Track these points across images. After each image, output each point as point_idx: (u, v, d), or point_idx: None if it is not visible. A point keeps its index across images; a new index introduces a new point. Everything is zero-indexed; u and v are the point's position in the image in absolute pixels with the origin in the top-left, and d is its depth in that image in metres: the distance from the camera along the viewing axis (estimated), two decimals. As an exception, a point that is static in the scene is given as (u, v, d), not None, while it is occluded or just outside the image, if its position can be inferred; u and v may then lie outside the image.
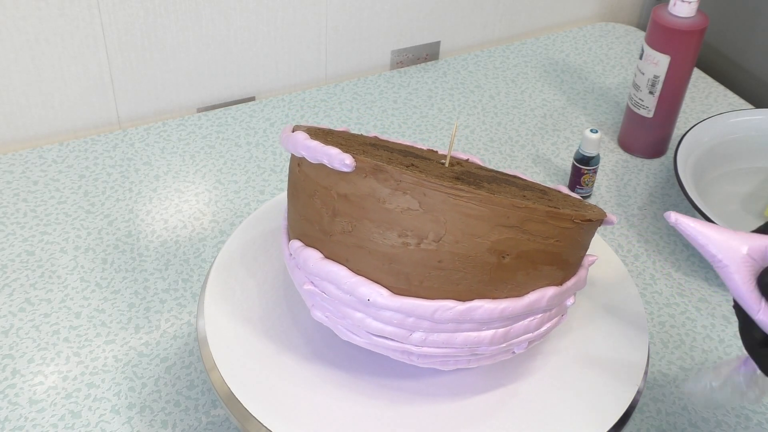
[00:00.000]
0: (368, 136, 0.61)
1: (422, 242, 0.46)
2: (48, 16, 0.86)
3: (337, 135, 0.56)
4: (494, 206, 0.45)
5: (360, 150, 0.51)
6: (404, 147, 0.60)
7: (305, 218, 0.50)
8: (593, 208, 0.54)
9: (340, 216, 0.47)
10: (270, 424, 0.49)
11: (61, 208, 0.83)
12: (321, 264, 0.48)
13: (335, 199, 0.47)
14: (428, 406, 0.52)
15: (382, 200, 0.46)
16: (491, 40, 1.16)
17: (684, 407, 0.67)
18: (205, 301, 0.57)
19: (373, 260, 0.47)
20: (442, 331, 0.47)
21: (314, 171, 0.49)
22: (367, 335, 0.48)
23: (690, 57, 0.86)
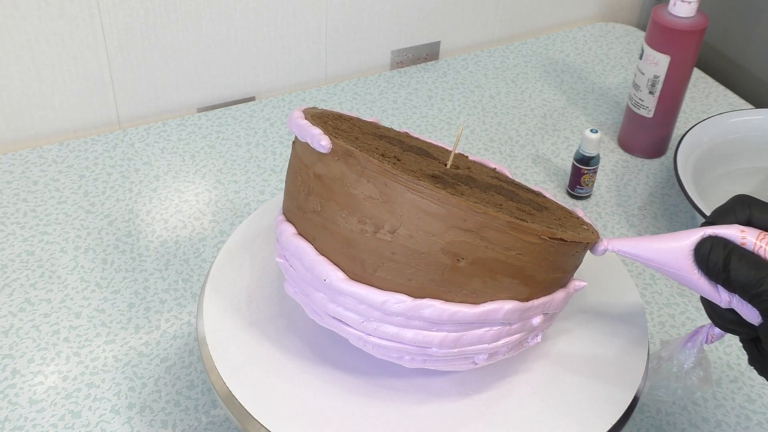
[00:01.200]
0: (390, 129, 0.61)
1: (378, 231, 0.46)
2: (48, 16, 0.86)
3: (346, 120, 0.56)
4: (451, 207, 0.46)
5: (353, 137, 0.52)
6: (419, 143, 0.60)
7: (289, 193, 0.52)
8: (584, 232, 0.53)
9: (313, 195, 0.49)
10: (269, 425, 0.49)
11: (61, 208, 0.83)
12: (292, 239, 0.50)
13: (311, 178, 0.49)
14: (428, 406, 0.52)
15: (349, 185, 0.47)
16: (491, 40, 1.16)
17: (684, 407, 0.67)
18: (205, 301, 0.57)
19: (334, 242, 0.48)
20: (392, 323, 0.48)
21: (301, 149, 0.51)
22: (327, 317, 0.50)
23: (690, 57, 0.86)
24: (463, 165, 0.57)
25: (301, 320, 0.56)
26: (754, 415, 0.67)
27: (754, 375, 0.70)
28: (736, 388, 0.69)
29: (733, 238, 0.46)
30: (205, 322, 0.55)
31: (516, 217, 0.48)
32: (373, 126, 0.59)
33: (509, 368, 0.54)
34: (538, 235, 0.47)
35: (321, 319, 0.50)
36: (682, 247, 0.47)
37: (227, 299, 0.57)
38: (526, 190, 0.58)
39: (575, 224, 0.54)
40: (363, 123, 0.59)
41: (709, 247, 0.46)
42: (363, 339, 0.49)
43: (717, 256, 0.46)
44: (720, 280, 0.46)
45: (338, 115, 0.57)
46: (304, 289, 0.50)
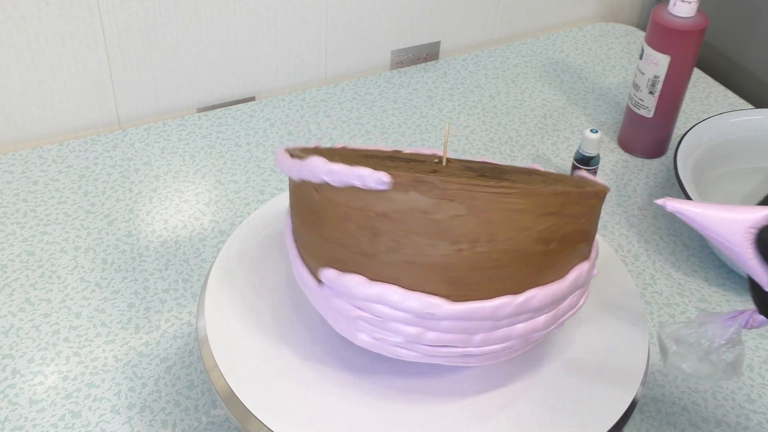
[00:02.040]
0: (342, 148, 0.60)
1: (476, 245, 0.46)
2: (48, 16, 0.86)
3: (323, 151, 0.56)
4: (536, 197, 0.46)
5: (367, 164, 0.51)
6: (404, 155, 0.60)
7: (337, 244, 0.48)
8: (590, 181, 0.55)
9: (381, 235, 0.46)
10: (271, 424, 0.49)
11: (61, 208, 0.83)
12: (368, 287, 0.47)
13: (374, 219, 0.46)
14: (429, 406, 0.52)
15: (428, 211, 0.45)
16: (491, 40, 1.16)
17: (684, 407, 0.67)
18: (205, 301, 0.57)
19: (426, 273, 0.46)
20: (501, 327, 0.48)
21: (342, 195, 0.47)
22: (422, 348, 0.48)
23: (690, 57, 0.86)
24: (457, 164, 0.57)
25: (301, 319, 0.56)
26: (754, 415, 0.67)
27: (754, 375, 0.70)
28: (736, 388, 0.69)
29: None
30: (206, 322, 0.55)
31: (572, 186, 0.50)
32: (348, 150, 0.58)
33: (508, 370, 0.54)
34: (597, 196, 0.50)
35: (412, 354, 0.49)
36: (741, 222, 0.45)
37: (228, 299, 0.57)
38: (500, 166, 0.60)
39: (575, 179, 0.56)
40: (319, 150, 0.58)
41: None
42: (467, 355, 0.49)
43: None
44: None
45: (312, 149, 0.56)
46: (392, 330, 0.48)
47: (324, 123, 0.97)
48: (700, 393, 0.68)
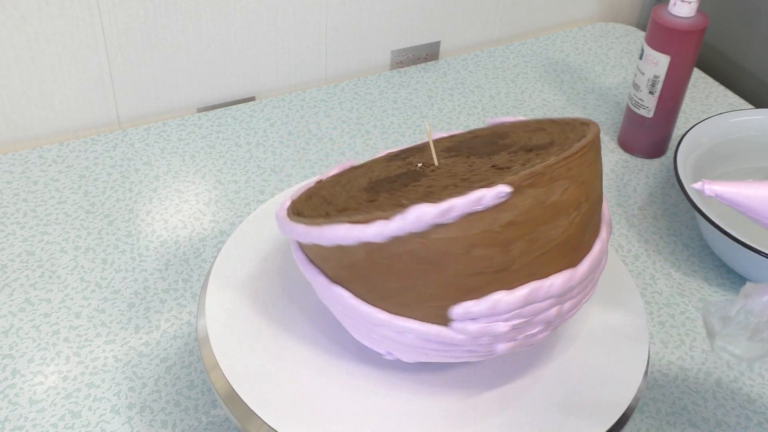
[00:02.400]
0: (331, 182, 0.60)
1: (580, 208, 0.48)
2: (48, 16, 0.86)
3: (318, 196, 0.55)
4: (592, 146, 0.49)
5: (379, 189, 0.53)
6: (374, 168, 0.60)
7: (465, 276, 0.46)
8: (580, 125, 0.56)
9: (513, 243, 0.46)
10: (273, 422, 0.49)
11: (61, 208, 0.83)
12: (513, 298, 0.46)
13: (501, 232, 0.45)
14: (432, 403, 0.52)
15: (545, 199, 0.46)
16: (491, 40, 1.16)
17: (684, 407, 0.67)
18: (205, 301, 0.57)
19: (555, 254, 0.47)
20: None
21: (457, 228, 0.45)
22: (553, 322, 0.50)
23: (690, 57, 0.86)
24: (441, 155, 0.58)
25: (302, 319, 0.56)
26: (754, 415, 0.67)
27: (754, 375, 0.70)
28: (736, 388, 0.69)
29: None
30: (206, 322, 0.55)
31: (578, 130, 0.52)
32: (325, 188, 0.58)
33: (506, 368, 0.54)
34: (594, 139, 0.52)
35: (545, 334, 0.50)
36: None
37: (227, 299, 0.57)
38: (503, 130, 0.60)
39: (560, 122, 0.56)
40: (330, 180, 0.58)
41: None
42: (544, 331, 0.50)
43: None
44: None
45: (310, 192, 0.56)
46: (534, 324, 0.48)
47: (324, 123, 0.97)
48: (700, 393, 0.68)
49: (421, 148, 0.62)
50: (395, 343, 0.49)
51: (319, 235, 0.47)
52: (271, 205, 0.65)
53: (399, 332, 0.48)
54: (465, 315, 0.46)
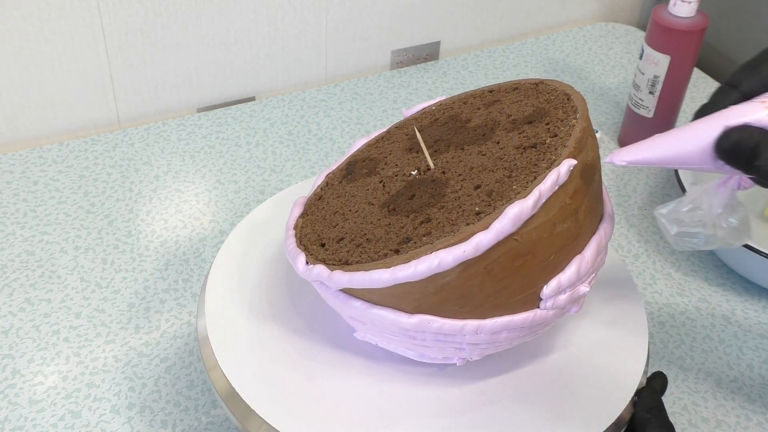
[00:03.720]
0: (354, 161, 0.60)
1: (599, 160, 0.52)
2: (48, 16, 0.86)
3: (339, 241, 0.52)
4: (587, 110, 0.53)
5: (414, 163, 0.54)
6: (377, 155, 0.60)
7: (554, 252, 0.48)
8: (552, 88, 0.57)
9: (579, 209, 0.48)
10: (274, 422, 0.49)
11: (61, 208, 0.83)
12: (587, 258, 0.49)
13: (571, 202, 0.47)
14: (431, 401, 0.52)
15: (587, 162, 0.49)
16: (491, 40, 1.16)
17: (684, 407, 0.67)
18: (205, 301, 0.57)
19: (597, 210, 0.51)
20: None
21: (542, 213, 0.46)
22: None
23: (690, 57, 0.86)
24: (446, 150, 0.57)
25: (301, 318, 0.56)
26: (754, 415, 0.67)
27: (754, 375, 0.70)
28: (736, 388, 0.69)
29: (758, 120, 0.43)
30: (206, 322, 0.55)
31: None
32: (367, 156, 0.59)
33: (507, 368, 0.54)
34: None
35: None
36: (702, 144, 0.44)
37: (227, 299, 0.57)
38: (455, 117, 0.60)
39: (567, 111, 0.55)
40: (322, 217, 0.56)
41: (732, 144, 0.43)
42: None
43: (742, 150, 0.43)
44: (746, 173, 0.44)
45: (321, 238, 0.53)
46: (579, 294, 0.50)
47: (324, 123, 0.97)
48: (700, 393, 0.68)
49: (366, 157, 0.60)
50: (482, 346, 0.50)
51: (411, 273, 0.45)
52: (270, 204, 0.65)
53: (494, 333, 0.49)
54: (555, 290, 0.48)
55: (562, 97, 0.54)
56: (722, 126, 0.44)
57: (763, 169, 0.43)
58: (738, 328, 0.74)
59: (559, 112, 0.53)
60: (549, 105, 0.54)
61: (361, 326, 0.51)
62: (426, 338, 0.49)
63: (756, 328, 0.74)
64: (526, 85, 0.58)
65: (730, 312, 0.76)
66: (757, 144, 0.42)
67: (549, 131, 0.51)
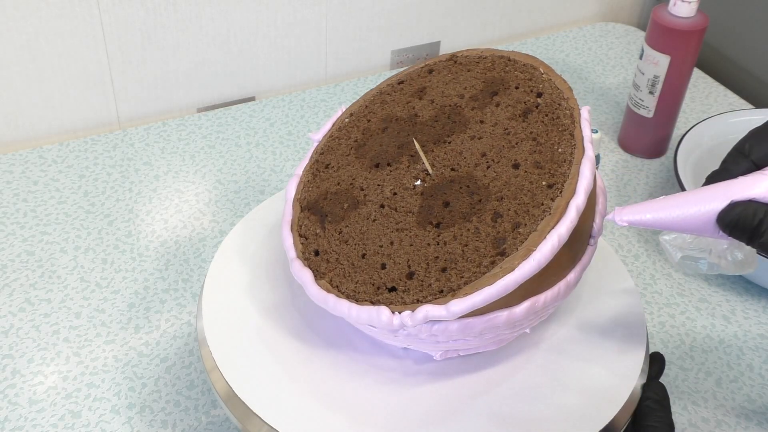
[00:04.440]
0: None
1: None
2: (48, 16, 0.86)
3: (394, 275, 0.48)
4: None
5: (398, 147, 0.52)
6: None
7: (588, 222, 0.49)
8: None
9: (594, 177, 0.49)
10: (273, 422, 0.49)
11: (61, 208, 0.83)
12: (600, 214, 0.51)
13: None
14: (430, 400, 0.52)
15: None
16: (491, 40, 1.16)
17: (684, 407, 0.67)
18: (205, 301, 0.57)
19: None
20: None
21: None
22: None
23: (690, 57, 0.86)
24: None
25: (301, 318, 0.56)
26: (754, 415, 0.67)
27: (754, 375, 0.70)
28: (736, 388, 0.69)
29: (764, 196, 0.43)
30: (206, 322, 0.55)
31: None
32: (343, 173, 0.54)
33: (506, 367, 0.54)
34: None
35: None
36: (705, 213, 0.44)
37: (227, 299, 0.57)
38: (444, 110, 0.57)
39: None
40: (353, 243, 0.51)
41: (736, 219, 0.43)
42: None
43: (744, 227, 0.43)
44: (751, 246, 0.44)
45: (311, 252, 0.51)
46: None
47: (324, 123, 0.97)
48: (700, 393, 0.68)
49: (321, 168, 0.56)
50: (524, 325, 0.51)
51: (537, 264, 0.45)
52: (269, 203, 0.65)
53: (569, 288, 0.50)
54: (600, 225, 0.51)
55: (502, 62, 0.53)
56: (727, 198, 0.43)
57: (764, 246, 0.43)
58: (738, 328, 0.74)
59: (517, 73, 0.51)
60: (496, 72, 0.52)
61: (444, 345, 0.50)
62: (529, 318, 0.49)
63: (756, 328, 0.74)
64: (440, 63, 0.56)
65: (730, 312, 0.76)
66: (761, 221, 0.42)
67: (530, 92, 0.50)
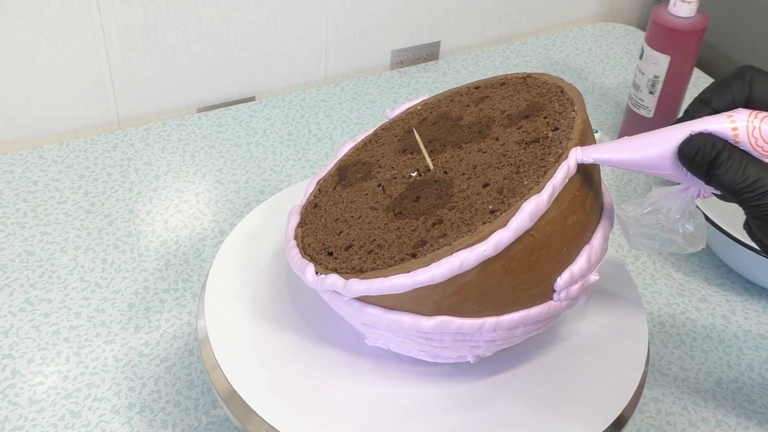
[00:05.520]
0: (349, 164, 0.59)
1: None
2: (48, 16, 0.86)
3: (348, 248, 0.51)
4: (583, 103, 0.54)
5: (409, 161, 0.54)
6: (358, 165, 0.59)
7: (566, 244, 0.48)
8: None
9: (586, 200, 0.49)
10: (274, 422, 0.49)
11: (61, 208, 0.83)
12: (596, 247, 0.50)
13: (579, 193, 0.48)
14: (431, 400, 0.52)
15: (592, 170, 0.50)
16: (491, 40, 1.16)
17: (684, 407, 0.67)
18: (205, 301, 0.57)
19: (598, 199, 0.52)
20: None
21: (555, 206, 0.47)
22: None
23: (690, 57, 0.86)
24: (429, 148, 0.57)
25: (301, 318, 0.56)
26: (754, 415, 0.67)
27: (754, 375, 0.70)
28: (736, 388, 0.69)
29: (722, 131, 0.44)
30: (206, 322, 0.55)
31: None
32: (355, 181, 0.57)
33: (506, 367, 0.54)
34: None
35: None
36: (666, 149, 0.46)
37: (227, 299, 0.57)
38: (444, 115, 0.59)
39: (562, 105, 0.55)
40: (327, 223, 0.54)
41: (695, 149, 0.44)
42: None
43: (703, 157, 0.44)
44: (705, 181, 0.45)
45: (327, 246, 0.53)
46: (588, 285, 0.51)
47: (324, 123, 0.97)
48: (700, 393, 0.68)
49: (358, 161, 0.58)
50: (498, 342, 0.50)
51: (431, 276, 0.45)
52: (269, 204, 0.65)
53: (511, 329, 0.49)
54: (569, 281, 0.48)
55: (555, 90, 0.54)
56: (687, 132, 0.45)
57: (720, 179, 0.44)
58: (738, 328, 0.74)
59: (555, 104, 0.53)
60: (543, 98, 0.54)
61: (373, 332, 0.51)
62: (444, 339, 0.49)
63: (756, 328, 0.74)
64: (514, 79, 0.58)
65: (730, 312, 0.76)
66: (718, 153, 0.44)
67: (549, 125, 0.51)
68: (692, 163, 0.45)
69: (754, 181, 0.43)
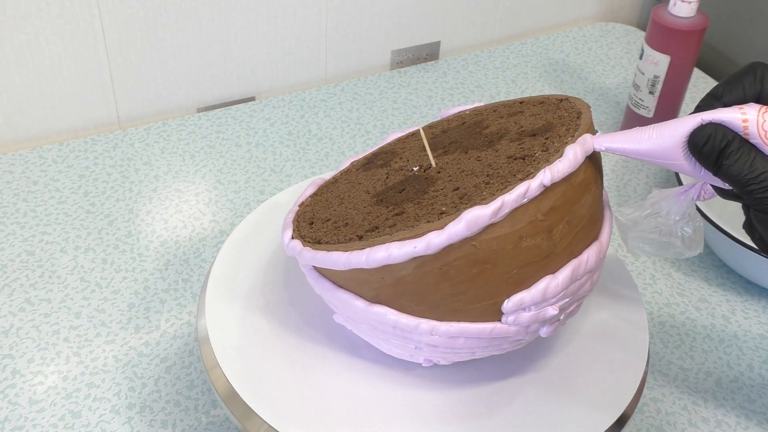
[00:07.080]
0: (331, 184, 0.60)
1: (597, 181, 0.51)
2: (48, 16, 0.86)
3: (324, 221, 0.53)
4: (590, 129, 0.52)
5: (387, 188, 0.54)
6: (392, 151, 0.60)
7: (518, 267, 0.46)
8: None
9: (555, 228, 0.46)
10: (274, 422, 0.49)
11: (61, 208, 0.83)
12: (559, 281, 0.47)
13: (544, 219, 0.46)
14: (432, 400, 0.52)
15: (575, 180, 0.47)
16: (491, 40, 1.16)
17: (684, 407, 0.67)
18: (205, 301, 0.57)
19: (585, 232, 0.49)
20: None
21: (507, 224, 0.45)
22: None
23: (690, 57, 0.86)
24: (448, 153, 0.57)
25: (301, 318, 0.56)
26: (754, 415, 0.67)
27: (754, 375, 0.70)
28: (736, 388, 0.69)
29: (733, 122, 0.44)
30: (206, 322, 0.55)
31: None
32: (334, 198, 0.57)
33: (506, 368, 0.54)
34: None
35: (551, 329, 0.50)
36: (677, 139, 0.46)
37: (227, 299, 0.57)
38: (476, 123, 0.60)
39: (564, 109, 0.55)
40: (317, 201, 0.57)
41: (705, 138, 0.45)
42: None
43: (713, 146, 0.44)
44: (713, 171, 0.45)
45: (308, 218, 0.55)
46: (576, 300, 0.50)
47: (324, 123, 0.97)
48: (700, 393, 0.68)
49: (389, 150, 0.61)
50: (441, 350, 0.50)
51: (365, 260, 0.46)
52: (270, 204, 0.65)
53: (450, 338, 0.48)
54: (517, 306, 0.47)
55: (573, 115, 0.53)
56: (698, 121, 0.45)
57: (728, 170, 0.44)
58: (738, 328, 0.74)
59: (563, 128, 0.52)
60: (558, 121, 0.53)
61: (335, 309, 0.53)
62: (386, 330, 0.49)
63: (756, 328, 0.74)
64: (553, 100, 0.58)
65: (730, 312, 0.76)
66: (728, 143, 0.44)
67: (543, 145, 0.50)
68: (701, 152, 0.45)
69: (761, 173, 0.44)
